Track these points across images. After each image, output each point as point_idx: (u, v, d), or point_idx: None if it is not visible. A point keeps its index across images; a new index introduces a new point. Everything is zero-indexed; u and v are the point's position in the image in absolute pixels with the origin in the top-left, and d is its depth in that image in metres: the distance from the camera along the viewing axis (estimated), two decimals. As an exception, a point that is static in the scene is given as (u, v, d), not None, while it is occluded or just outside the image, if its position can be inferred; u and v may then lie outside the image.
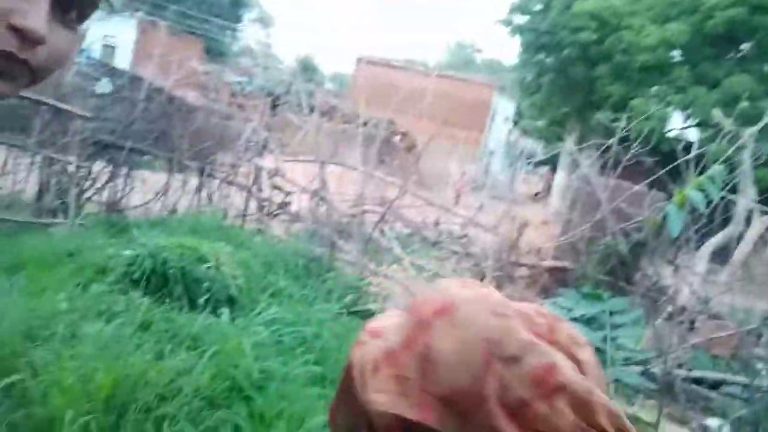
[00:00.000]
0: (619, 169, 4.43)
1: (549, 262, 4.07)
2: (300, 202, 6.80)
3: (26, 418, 2.24)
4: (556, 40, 18.47)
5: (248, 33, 44.39)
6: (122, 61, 22.62)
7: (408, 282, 4.80)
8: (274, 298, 4.18)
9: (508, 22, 19.90)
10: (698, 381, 3.63)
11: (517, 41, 20.40)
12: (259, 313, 3.43)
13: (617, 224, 3.98)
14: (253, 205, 7.34)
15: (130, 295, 3.46)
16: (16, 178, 5.60)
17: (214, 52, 33.42)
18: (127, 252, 4.03)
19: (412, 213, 7.18)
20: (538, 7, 19.30)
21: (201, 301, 3.78)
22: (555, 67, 19.71)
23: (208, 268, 4.17)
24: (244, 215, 7.22)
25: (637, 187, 4.44)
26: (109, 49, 26.54)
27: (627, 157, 4.41)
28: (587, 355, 0.60)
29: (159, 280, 3.79)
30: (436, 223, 8.02)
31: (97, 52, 22.28)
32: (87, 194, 6.42)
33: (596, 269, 3.80)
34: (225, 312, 3.30)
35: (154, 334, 3.02)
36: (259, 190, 7.27)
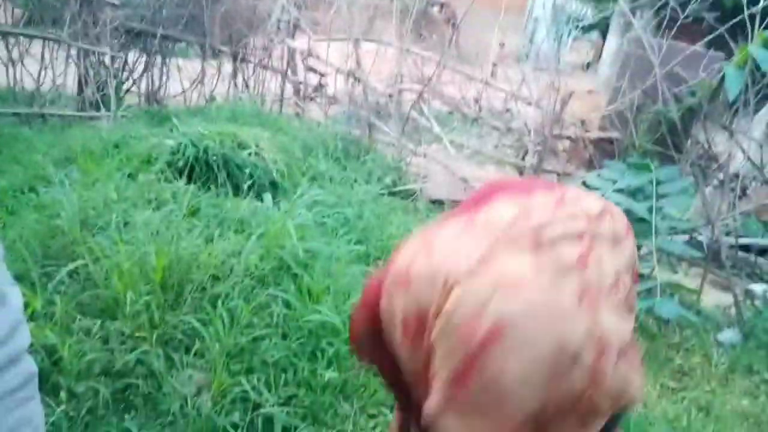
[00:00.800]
0: (675, 29, 4.09)
1: (594, 133, 3.91)
2: (336, 84, 6.66)
3: (93, 298, 2.42)
4: None
5: None
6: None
7: (448, 160, 4.76)
8: (315, 182, 4.24)
9: None
10: (746, 248, 3.57)
11: None
12: (302, 196, 3.49)
13: (670, 89, 3.75)
14: (289, 89, 7.24)
15: (176, 184, 3.55)
16: (55, 73, 5.63)
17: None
18: (170, 141, 4.09)
19: (451, 90, 6.94)
20: None
21: (244, 186, 3.87)
22: None
23: (249, 154, 4.22)
24: (281, 100, 7.16)
25: (694, 48, 4.12)
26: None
27: (684, 14, 4.05)
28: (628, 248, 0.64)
29: (202, 168, 3.86)
30: (477, 99, 7.76)
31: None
32: (126, 85, 6.45)
33: (645, 138, 3.65)
34: (268, 196, 3.37)
35: (202, 219, 3.13)
36: (294, 73, 7.12)
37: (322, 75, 6.88)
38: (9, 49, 5.33)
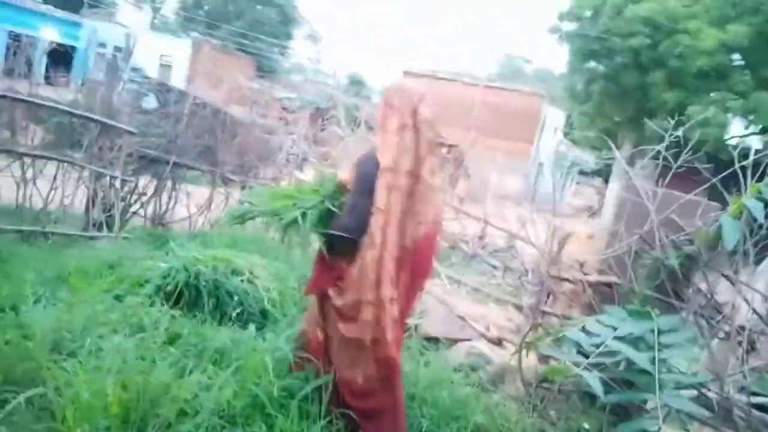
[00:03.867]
0: (670, 177, 4.16)
1: (593, 277, 3.83)
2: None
3: (46, 431, 2.23)
4: (607, 46, 17.94)
5: (298, 50, 45.29)
6: (178, 79, 23.45)
7: (446, 296, 4.65)
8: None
9: (557, 30, 19.46)
10: (760, 407, 3.31)
11: (566, 49, 19.95)
12: (290, 327, 3.35)
13: (668, 236, 3.72)
14: (293, 217, 7.33)
15: (162, 308, 3.45)
16: (65, 192, 5.77)
17: (265, 69, 34.23)
18: (163, 264, 4.05)
19: (455, 226, 7.01)
20: (588, 13, 18.80)
21: (233, 314, 3.75)
22: (606, 74, 19.15)
23: (242, 281, 4.15)
24: (285, 228, 7.22)
25: (689, 197, 4.16)
26: (166, 67, 27.55)
27: (678, 163, 4.15)
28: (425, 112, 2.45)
29: (192, 293, 3.78)
30: (481, 237, 7.82)
31: (154, 71, 23.17)
32: (133, 208, 6.57)
33: (644, 285, 3.55)
34: (251, 326, 3.24)
35: (181, 347, 2.99)
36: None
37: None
38: (24, 169, 5.50)
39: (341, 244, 2.49)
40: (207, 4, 38.78)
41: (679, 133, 4.46)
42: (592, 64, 19.66)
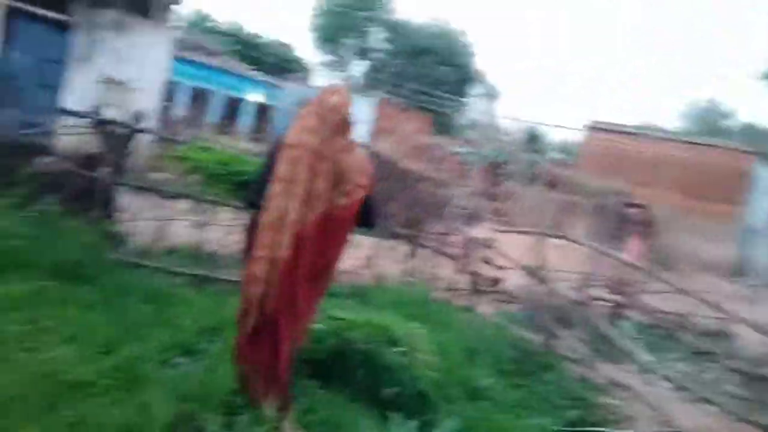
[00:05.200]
0: None
1: None
2: (514, 279, 5.93)
3: None
4: None
5: (475, 107, 45.48)
6: (363, 134, 24.58)
7: (658, 401, 3.58)
8: (472, 402, 3.37)
9: (766, 76, 16.78)
10: None
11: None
12: (452, 420, 2.66)
13: None
14: (462, 279, 6.69)
15: (304, 382, 2.98)
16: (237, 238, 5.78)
17: (442, 126, 34.71)
18: (314, 326, 3.62)
19: (654, 302, 5.79)
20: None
21: (386, 393, 3.16)
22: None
23: (400, 353, 3.55)
24: (454, 290, 6.59)
25: None
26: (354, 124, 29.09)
27: None
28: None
29: (340, 364, 3.27)
30: (681, 315, 6.42)
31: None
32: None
33: None
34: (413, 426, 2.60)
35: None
36: (470, 263, 6.60)
37: (499, 268, 6.25)
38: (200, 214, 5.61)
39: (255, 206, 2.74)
40: (393, 67, 40.80)
41: None
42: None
